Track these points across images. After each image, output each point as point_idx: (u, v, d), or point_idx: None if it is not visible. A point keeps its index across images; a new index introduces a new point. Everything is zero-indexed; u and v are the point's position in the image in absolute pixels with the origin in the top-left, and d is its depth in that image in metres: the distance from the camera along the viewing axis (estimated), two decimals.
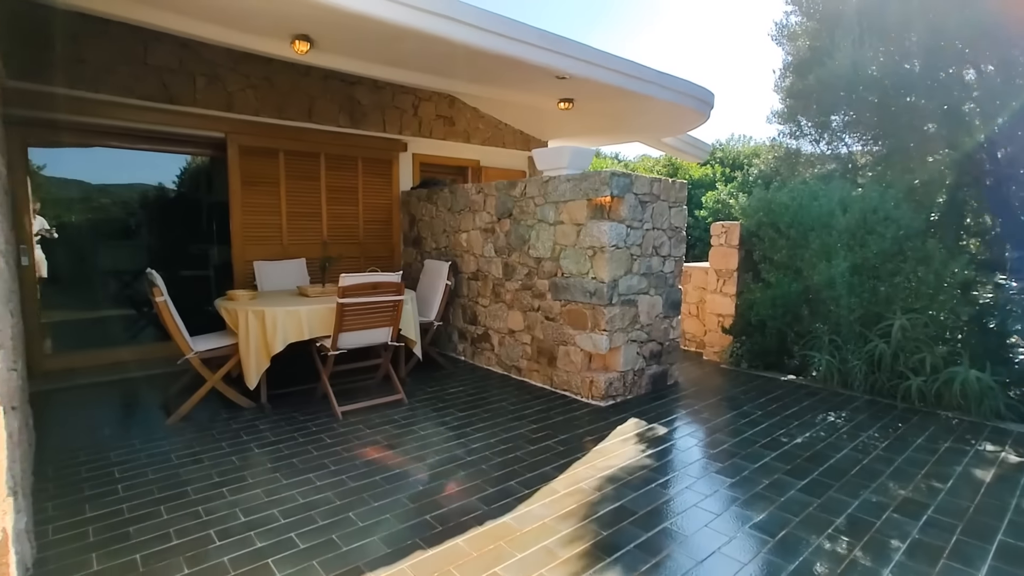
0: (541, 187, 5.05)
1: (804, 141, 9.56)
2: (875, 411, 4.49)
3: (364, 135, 6.59)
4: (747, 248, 6.02)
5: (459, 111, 7.45)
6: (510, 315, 5.50)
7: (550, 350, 5.09)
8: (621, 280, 4.66)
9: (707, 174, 10.71)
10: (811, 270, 5.00)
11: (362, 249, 6.75)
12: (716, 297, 6.23)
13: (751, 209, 5.60)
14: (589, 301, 4.67)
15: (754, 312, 5.64)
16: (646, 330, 5.00)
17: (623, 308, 4.71)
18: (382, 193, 6.92)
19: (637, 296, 4.85)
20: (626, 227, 4.64)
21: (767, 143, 11.04)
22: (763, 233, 5.46)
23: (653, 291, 5.01)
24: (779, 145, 9.98)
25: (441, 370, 5.71)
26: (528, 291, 5.28)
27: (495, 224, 5.61)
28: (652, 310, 5.03)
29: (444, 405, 4.59)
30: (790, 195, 5.20)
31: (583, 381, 4.78)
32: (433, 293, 5.78)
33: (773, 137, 8.61)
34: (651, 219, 4.89)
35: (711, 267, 6.27)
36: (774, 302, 5.42)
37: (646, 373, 5.05)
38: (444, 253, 6.36)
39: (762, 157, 10.71)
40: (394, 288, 4.40)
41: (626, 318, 4.76)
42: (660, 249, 5.01)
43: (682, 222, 5.25)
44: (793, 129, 9.63)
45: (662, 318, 5.15)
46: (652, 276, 4.96)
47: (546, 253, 5.05)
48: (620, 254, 4.61)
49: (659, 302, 5.09)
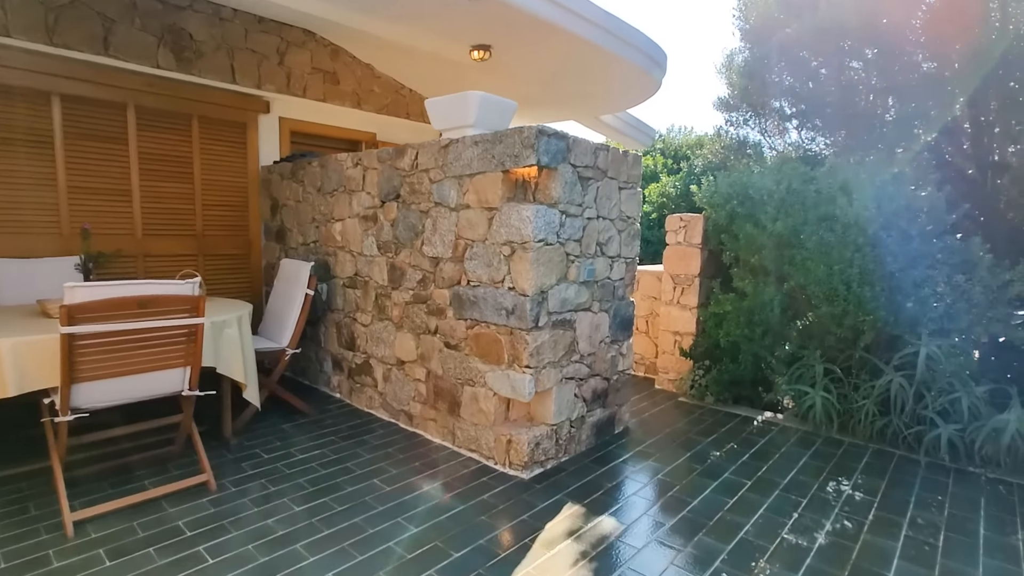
0: (438, 155, 3.46)
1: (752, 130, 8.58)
2: (899, 471, 3.26)
3: (201, 84, 4.72)
4: (713, 247, 4.72)
5: (346, 66, 5.71)
6: (398, 338, 3.86)
7: (452, 391, 3.51)
8: (552, 291, 3.16)
9: (648, 165, 9.55)
10: (803, 277, 3.73)
11: (201, 245, 4.87)
12: (672, 310, 4.89)
13: (720, 197, 4.30)
14: (505, 323, 3.14)
15: (723, 331, 4.33)
16: (587, 361, 3.53)
17: (555, 332, 3.21)
18: (232, 168, 5.07)
19: (575, 314, 3.37)
20: (560, 213, 3.14)
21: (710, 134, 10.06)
22: (737, 228, 4.16)
23: (598, 306, 3.55)
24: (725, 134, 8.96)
25: (298, 417, 3.98)
26: (422, 305, 3.67)
27: (378, 210, 3.96)
28: (596, 333, 3.56)
29: (279, 488, 2.89)
30: (775, 178, 3.93)
31: (498, 440, 3.24)
32: (287, 307, 4.03)
33: (719, 126, 7.31)
34: (595, 204, 3.43)
35: (666, 271, 4.93)
36: (750, 318, 4.12)
37: (587, 422, 3.58)
38: (314, 250, 4.62)
39: (707, 147, 9.70)
40: (183, 305, 2.66)
41: (560, 346, 3.26)
42: (607, 247, 3.56)
43: (636, 210, 3.83)
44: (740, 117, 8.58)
45: (609, 343, 3.70)
46: (596, 285, 3.50)
47: (445, 251, 3.46)
48: (551, 253, 3.11)
49: (605, 321, 3.64)
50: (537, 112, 6.98)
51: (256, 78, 5.01)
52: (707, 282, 4.77)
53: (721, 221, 4.35)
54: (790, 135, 8.68)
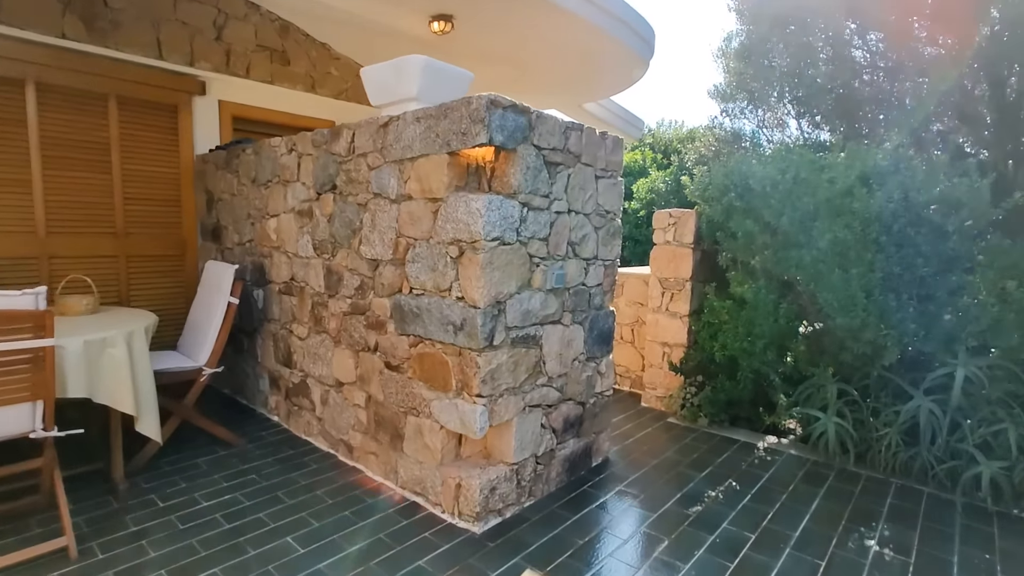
0: (376, 136, 2.86)
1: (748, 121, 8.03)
2: (933, 518, 2.69)
3: (119, 60, 4.10)
4: (707, 247, 4.15)
5: (297, 45, 5.10)
6: (336, 356, 3.26)
7: (393, 421, 2.91)
8: (512, 301, 2.57)
9: (636, 160, 8.99)
10: (814, 282, 3.16)
11: (122, 244, 4.23)
12: (660, 318, 4.32)
13: (715, 189, 3.72)
14: (453, 340, 2.54)
15: (718, 343, 3.76)
16: (557, 384, 2.94)
17: (515, 351, 2.61)
18: (161, 157, 4.44)
19: (542, 328, 2.78)
20: (520, 206, 2.55)
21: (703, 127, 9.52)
22: (734, 225, 3.59)
23: (570, 318, 2.96)
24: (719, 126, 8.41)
25: (220, 448, 3.36)
26: (360, 317, 3.07)
27: (313, 203, 3.36)
28: (568, 350, 2.98)
29: (163, 552, 2.28)
30: (780, 166, 3.36)
31: (445, 484, 2.64)
32: (208, 319, 3.42)
33: (714, 116, 6.68)
34: (566, 195, 2.84)
35: (653, 274, 4.36)
36: (750, 329, 3.55)
37: (557, 456, 3.00)
38: (250, 250, 4.00)
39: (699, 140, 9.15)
40: (21, 323, 2.04)
41: (522, 368, 2.67)
42: (581, 247, 2.98)
43: (617, 203, 3.25)
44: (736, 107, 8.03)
45: (584, 361, 3.12)
46: (568, 293, 2.92)
47: (385, 252, 2.87)
48: (509, 254, 2.51)
49: (579, 336, 3.05)
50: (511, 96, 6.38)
51: (187, 54, 4.39)
52: (700, 287, 4.19)
53: (716, 217, 3.77)
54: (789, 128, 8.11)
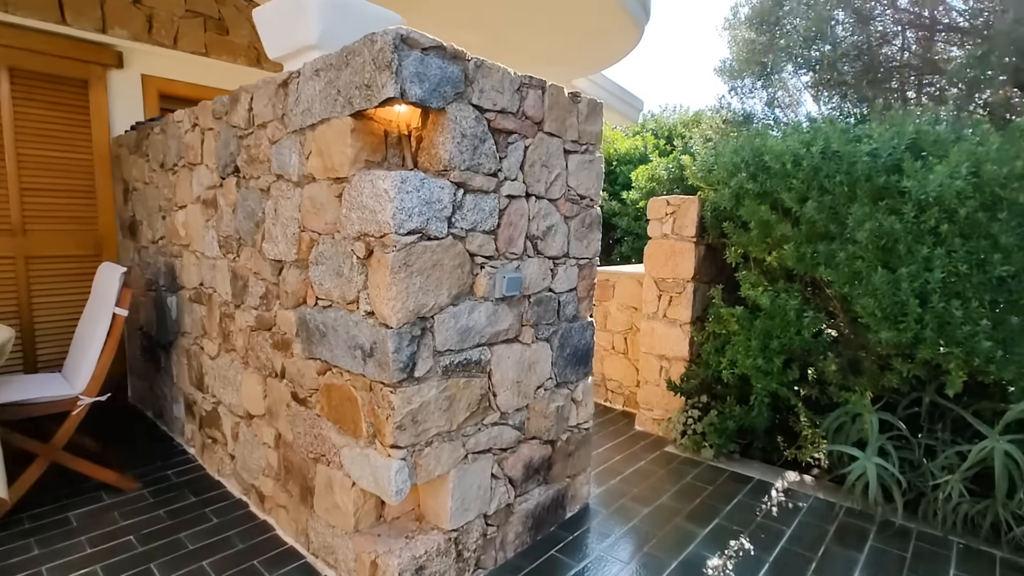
0: (276, 99, 2.19)
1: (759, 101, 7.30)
2: None
3: (9, 23, 3.45)
4: (712, 240, 3.45)
5: (239, 12, 4.43)
6: (245, 380, 2.60)
7: (303, 469, 2.25)
8: (443, 317, 1.89)
9: (637, 147, 8.25)
10: (848, 285, 2.46)
11: (20, 244, 3.60)
12: (656, 327, 3.62)
13: (723, 170, 3.03)
14: (362, 370, 1.87)
15: (726, 359, 3.06)
16: (515, 420, 2.27)
17: (450, 384, 1.94)
18: (70, 140, 3.79)
19: (489, 350, 2.10)
20: (453, 187, 1.87)
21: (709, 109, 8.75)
22: (746, 212, 2.89)
23: (531, 334, 2.28)
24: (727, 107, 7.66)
25: (109, 494, 2.72)
26: (266, 333, 2.41)
27: (217, 190, 2.70)
28: (529, 376, 2.30)
29: None
30: (804, 138, 2.66)
31: (359, 560, 1.97)
32: (91, 335, 2.77)
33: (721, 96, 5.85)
34: (522, 174, 2.15)
35: (648, 274, 3.66)
36: (766, 343, 2.86)
37: (517, 512, 2.32)
38: (162, 249, 3.35)
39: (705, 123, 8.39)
40: None
41: (460, 406, 2.00)
42: (546, 242, 2.29)
43: (595, 185, 2.55)
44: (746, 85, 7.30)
45: (553, 388, 2.44)
46: (529, 302, 2.23)
47: (288, 250, 2.20)
48: (435, 253, 1.83)
49: (544, 356, 2.37)
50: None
51: (98, 19, 3.73)
52: (704, 289, 3.50)
53: (723, 203, 3.07)
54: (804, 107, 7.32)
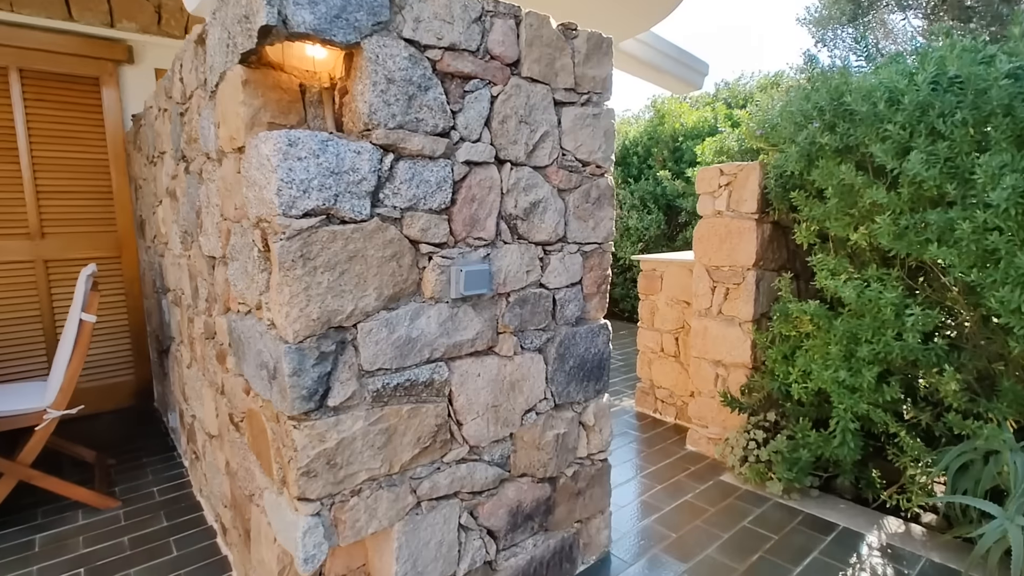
0: (197, 60, 1.81)
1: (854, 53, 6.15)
2: None
3: (16, 23, 3.40)
4: (781, 217, 2.73)
5: None
6: (204, 394, 2.29)
7: (242, 507, 1.88)
8: (369, 327, 1.42)
9: (705, 119, 7.35)
10: (977, 268, 1.70)
11: (39, 248, 3.56)
12: (710, 326, 2.94)
13: (788, 122, 2.32)
14: (268, 394, 1.45)
15: (797, 369, 2.35)
16: (492, 454, 1.75)
17: (387, 414, 1.47)
18: (85, 139, 3.72)
19: (446, 367, 1.60)
20: (376, 150, 1.38)
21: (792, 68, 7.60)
22: (821, 176, 2.17)
23: (512, 344, 1.75)
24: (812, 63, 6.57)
25: (82, 516, 2.53)
26: (211, 342, 2.06)
27: (175, 179, 2.40)
28: (512, 397, 1.77)
29: None
30: (904, 68, 1.92)
31: None
32: (63, 343, 2.58)
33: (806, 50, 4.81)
34: (490, 132, 1.62)
35: (698, 261, 2.99)
36: (851, 349, 2.13)
37: (501, 570, 1.81)
38: (155, 249, 3.16)
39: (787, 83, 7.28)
40: None
41: (405, 441, 1.52)
42: (531, 223, 1.74)
43: (603, 148, 1.95)
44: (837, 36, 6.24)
45: (550, 412, 1.90)
46: (507, 302, 1.70)
47: (216, 244, 1.82)
48: (353, 241, 1.36)
49: (535, 372, 1.83)
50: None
51: (105, 13, 3.61)
52: (769, 279, 2.78)
53: (790, 166, 2.35)
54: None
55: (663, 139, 7.55)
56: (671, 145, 7.43)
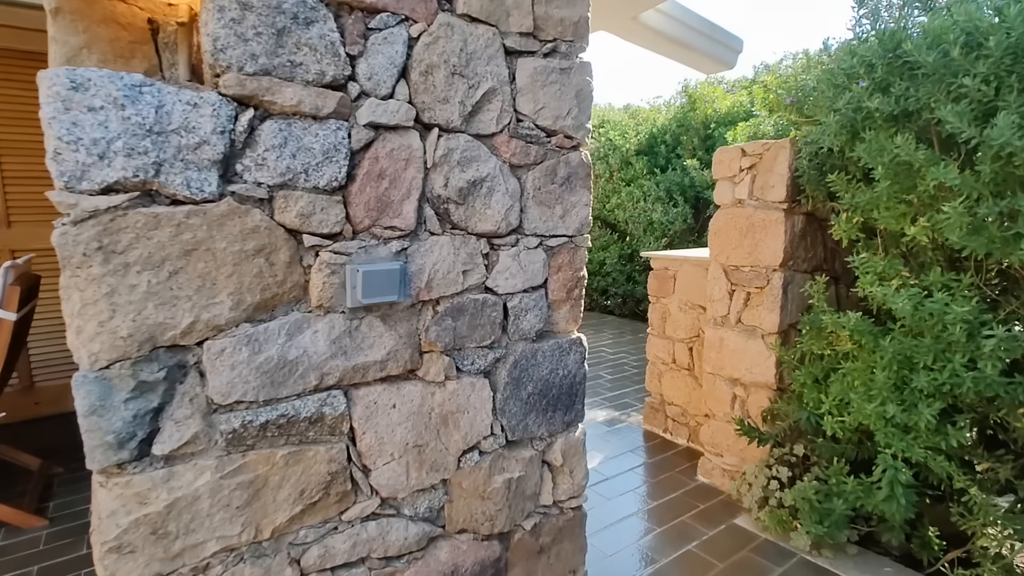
0: None
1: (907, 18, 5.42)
2: None
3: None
4: (816, 206, 2.23)
5: None
6: None
7: None
8: (219, 346, 1.04)
9: (740, 103, 6.74)
10: None
11: (5, 238, 3.37)
12: (728, 337, 2.46)
13: (826, 83, 1.83)
14: None
15: (831, 397, 1.86)
16: (416, 506, 1.35)
17: (246, 462, 1.09)
18: None
19: (342, 396, 1.21)
20: (225, 103, 1.00)
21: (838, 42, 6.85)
22: (869, 152, 1.67)
23: (443, 366, 1.34)
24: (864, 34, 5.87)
25: (2, 537, 2.27)
26: None
27: None
28: (443, 435, 1.37)
29: None
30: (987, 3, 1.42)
31: None
32: None
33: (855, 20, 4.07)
34: (406, 86, 1.22)
35: (714, 260, 2.51)
36: (904, 377, 1.63)
37: None
38: None
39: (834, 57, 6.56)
40: None
41: (280, 498, 1.14)
42: (468, 209, 1.33)
43: (573, 113, 1.51)
44: None
45: (501, 450, 1.48)
46: (438, 314, 1.30)
47: None
48: (179, 230, 0.97)
49: (476, 400, 1.41)
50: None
51: None
52: (800, 282, 2.28)
53: (829, 141, 1.86)
54: None
55: (693, 126, 6.99)
56: (702, 133, 6.86)
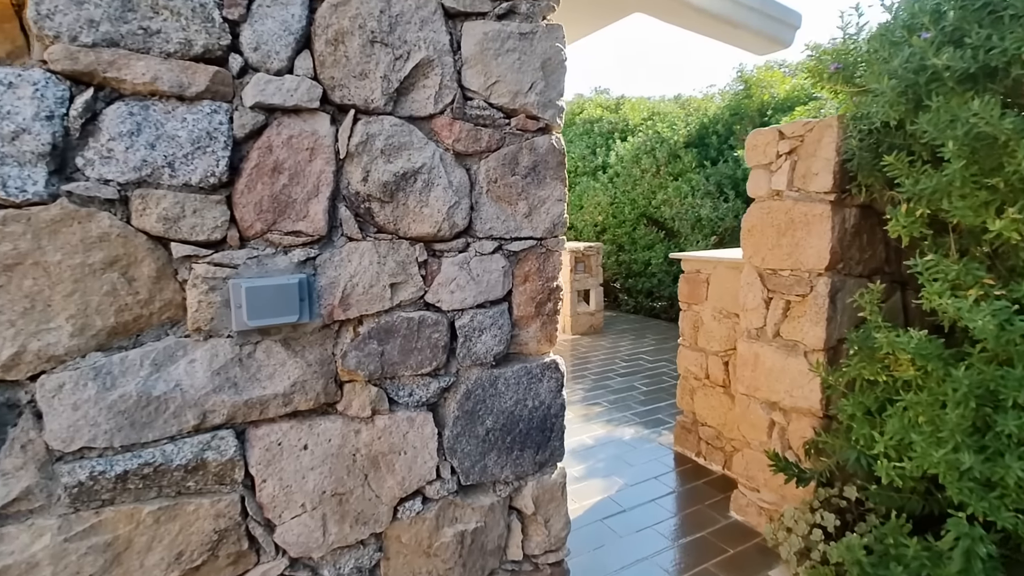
0: None
1: None
2: None
3: None
4: (873, 196, 1.82)
5: None
6: None
7: None
8: (57, 381, 0.85)
9: (802, 86, 6.13)
10: None
11: None
12: (765, 353, 2.09)
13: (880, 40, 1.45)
14: None
15: (888, 437, 1.47)
16: (338, 567, 1.12)
17: (99, 522, 0.89)
18: None
19: (231, 438, 0.99)
20: (55, 82, 0.81)
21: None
22: (936, 122, 1.28)
23: (370, 399, 1.10)
24: None
25: None
26: None
27: None
28: (373, 481, 1.13)
29: None
30: None
31: None
32: None
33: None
34: (310, 57, 0.99)
35: (747, 262, 2.14)
36: (983, 418, 1.24)
37: None
38: None
39: None
40: None
41: (150, 563, 0.94)
42: (398, 209, 1.08)
43: (539, 89, 1.23)
44: None
45: (451, 497, 1.23)
46: (360, 338, 1.06)
47: None
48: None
49: (416, 438, 1.16)
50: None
51: None
52: (852, 288, 1.88)
53: (884, 112, 1.47)
54: None
55: (748, 114, 6.44)
56: (757, 121, 6.30)
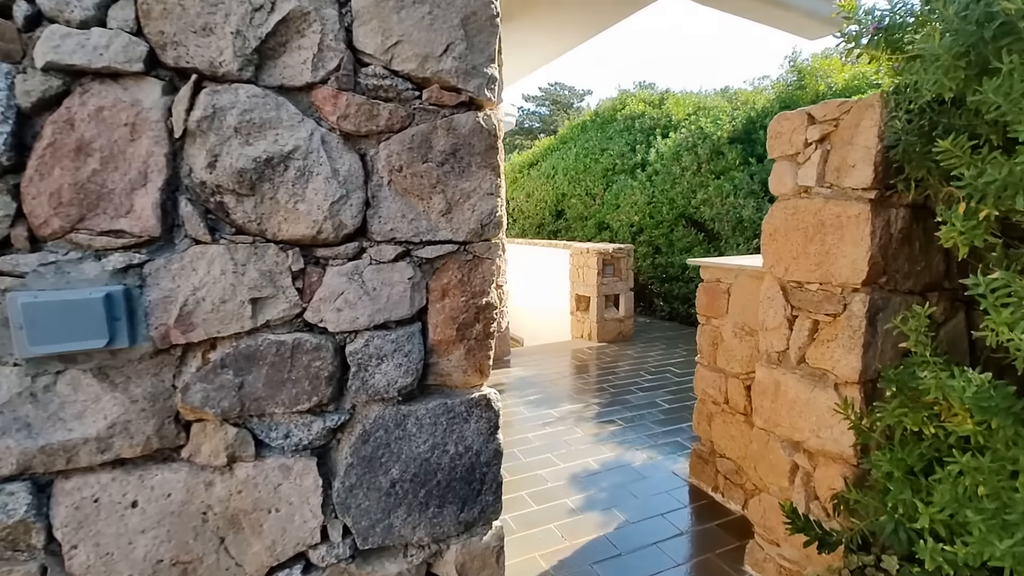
0: None
1: None
2: None
3: None
4: (915, 196, 1.45)
5: None
6: None
7: None
8: None
9: (863, 74, 5.54)
10: None
11: None
12: (788, 382, 1.73)
13: None
14: None
15: (931, 512, 1.12)
16: None
17: None
18: None
19: (23, 493, 0.78)
20: None
21: None
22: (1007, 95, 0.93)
23: (229, 443, 0.87)
24: None
25: None
26: None
27: None
28: (237, 542, 0.90)
29: None
30: None
31: None
32: None
33: None
34: (132, 5, 0.77)
35: (768, 272, 1.78)
36: None
37: None
38: None
39: None
40: None
41: None
42: (263, 204, 0.84)
43: (458, 50, 0.96)
44: None
45: (346, 564, 0.98)
46: (211, 367, 0.83)
47: None
48: None
49: (300, 490, 0.92)
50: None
51: None
52: (895, 307, 1.50)
53: (936, 83, 1.12)
54: None
55: (801, 105, 5.89)
56: None
